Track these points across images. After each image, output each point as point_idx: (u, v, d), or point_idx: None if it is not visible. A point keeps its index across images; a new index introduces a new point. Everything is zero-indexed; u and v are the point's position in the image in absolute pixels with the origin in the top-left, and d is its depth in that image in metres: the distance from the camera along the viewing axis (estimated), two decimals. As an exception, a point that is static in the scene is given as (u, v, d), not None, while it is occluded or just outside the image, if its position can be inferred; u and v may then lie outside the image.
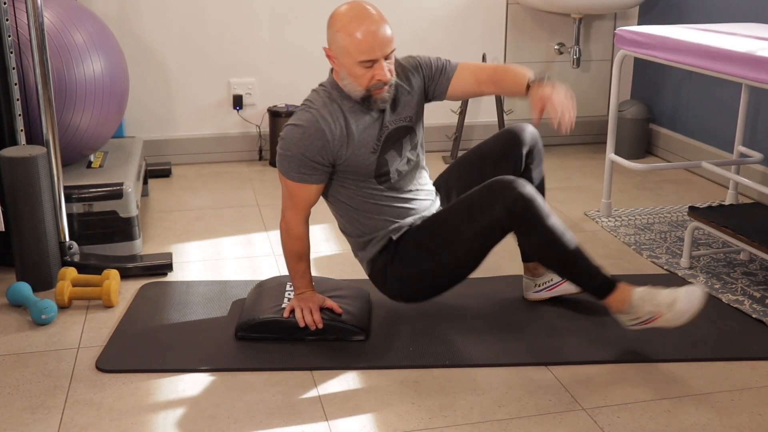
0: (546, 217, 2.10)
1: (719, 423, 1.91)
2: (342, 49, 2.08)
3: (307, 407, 1.97)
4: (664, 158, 4.09)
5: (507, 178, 2.13)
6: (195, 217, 3.26)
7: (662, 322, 2.11)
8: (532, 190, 2.11)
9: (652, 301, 2.11)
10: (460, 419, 1.92)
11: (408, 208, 2.25)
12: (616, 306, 2.15)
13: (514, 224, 2.11)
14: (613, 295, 2.14)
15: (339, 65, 2.12)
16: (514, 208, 2.08)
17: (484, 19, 4.10)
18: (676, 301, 2.08)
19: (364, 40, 2.04)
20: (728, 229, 2.57)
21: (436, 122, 4.16)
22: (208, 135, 3.97)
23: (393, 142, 2.21)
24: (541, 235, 2.11)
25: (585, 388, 2.05)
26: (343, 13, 2.08)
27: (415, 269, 2.22)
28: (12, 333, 2.33)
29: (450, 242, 2.17)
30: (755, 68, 2.36)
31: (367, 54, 2.05)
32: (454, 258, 2.19)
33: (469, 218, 2.14)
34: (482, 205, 2.13)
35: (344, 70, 2.11)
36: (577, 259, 2.15)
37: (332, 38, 2.11)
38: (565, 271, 2.19)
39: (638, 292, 2.13)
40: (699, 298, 2.09)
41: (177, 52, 3.85)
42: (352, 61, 2.07)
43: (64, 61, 2.75)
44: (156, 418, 1.93)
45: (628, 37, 2.95)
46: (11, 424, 1.90)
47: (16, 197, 2.52)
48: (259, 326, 2.25)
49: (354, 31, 2.04)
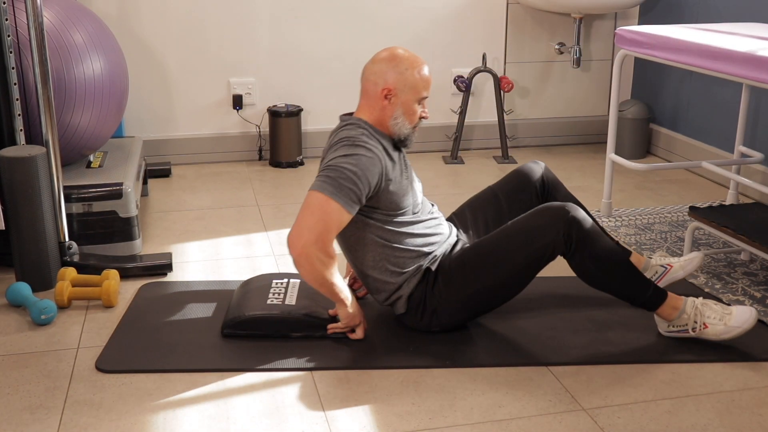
0: (597, 240, 2.14)
1: (719, 423, 1.91)
2: (410, 86, 2.21)
3: (307, 407, 1.97)
4: (664, 158, 4.09)
5: (558, 203, 2.18)
6: (195, 217, 3.26)
7: (708, 334, 2.17)
8: (583, 213, 2.16)
9: (703, 312, 2.17)
10: (460, 419, 1.92)
11: (435, 234, 2.28)
12: (667, 314, 2.20)
13: (567, 247, 2.13)
14: (665, 305, 2.19)
15: (397, 103, 2.21)
16: (569, 232, 2.12)
17: (484, 19, 4.09)
18: (728, 317, 2.16)
19: (428, 78, 2.25)
20: (729, 229, 2.57)
21: (436, 122, 4.17)
22: (208, 135, 3.97)
23: (411, 174, 2.32)
24: (595, 259, 2.14)
25: (585, 388, 2.05)
26: (405, 56, 2.23)
27: (460, 295, 2.22)
28: (12, 333, 2.33)
29: (500, 266, 2.19)
30: (756, 68, 2.36)
31: (427, 90, 2.25)
32: (501, 282, 2.21)
33: (522, 242, 2.17)
34: (535, 229, 2.16)
35: (402, 107, 2.22)
36: (628, 275, 2.17)
37: (399, 77, 2.20)
38: (617, 290, 2.20)
39: (690, 302, 2.19)
40: (751, 318, 2.16)
41: (177, 52, 3.85)
42: (415, 97, 2.22)
43: (63, 60, 2.74)
44: (156, 418, 1.93)
45: (629, 36, 2.95)
46: (11, 424, 1.90)
47: (15, 197, 2.52)
48: (245, 323, 2.26)
49: (421, 70, 2.23)
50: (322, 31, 3.96)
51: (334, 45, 3.98)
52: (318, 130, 4.04)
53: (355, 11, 3.96)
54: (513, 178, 2.50)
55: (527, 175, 2.48)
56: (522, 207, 2.40)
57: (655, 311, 2.21)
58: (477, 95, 4.18)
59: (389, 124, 2.23)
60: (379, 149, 2.17)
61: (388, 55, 2.23)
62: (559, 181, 2.50)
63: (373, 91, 2.22)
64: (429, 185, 3.64)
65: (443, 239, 2.29)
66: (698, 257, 2.47)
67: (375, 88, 2.21)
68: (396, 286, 2.23)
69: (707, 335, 2.18)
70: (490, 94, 4.17)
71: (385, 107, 2.21)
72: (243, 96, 3.94)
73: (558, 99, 4.31)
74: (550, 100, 4.30)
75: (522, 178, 2.48)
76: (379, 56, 2.24)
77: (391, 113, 2.22)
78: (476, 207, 2.49)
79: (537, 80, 4.25)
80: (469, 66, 4.10)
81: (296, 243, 2.07)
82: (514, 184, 2.48)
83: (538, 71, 4.24)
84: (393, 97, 2.20)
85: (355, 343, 2.23)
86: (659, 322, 2.24)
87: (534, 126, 4.30)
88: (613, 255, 2.16)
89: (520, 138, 4.27)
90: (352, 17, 3.97)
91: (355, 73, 4.02)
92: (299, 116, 3.91)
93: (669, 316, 2.20)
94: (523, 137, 4.28)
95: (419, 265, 2.23)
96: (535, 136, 4.31)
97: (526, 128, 4.29)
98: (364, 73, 2.25)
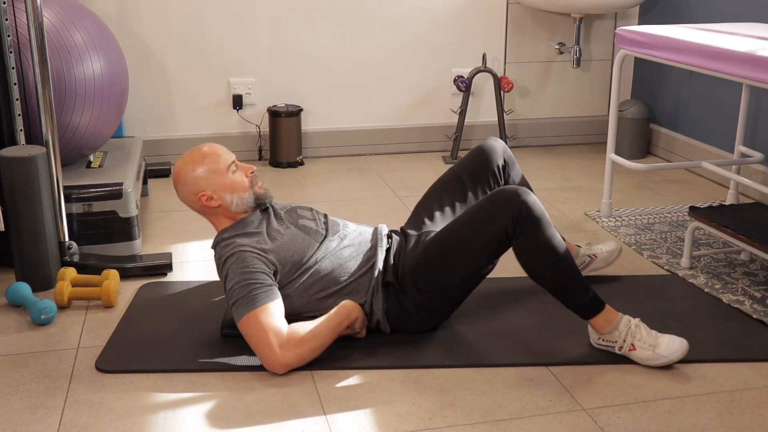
0: (545, 228, 2.12)
1: (719, 423, 1.91)
2: (207, 176, 2.27)
3: (307, 407, 1.97)
4: (664, 158, 4.09)
5: (510, 188, 2.17)
6: (195, 217, 3.24)
7: (635, 356, 2.14)
8: (534, 198, 2.14)
9: (635, 334, 2.14)
10: (460, 419, 1.92)
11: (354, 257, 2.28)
12: (599, 326, 2.16)
13: (514, 229, 2.11)
14: (600, 316, 2.15)
15: (217, 193, 2.28)
16: (518, 214, 2.10)
17: (484, 19, 4.09)
18: (657, 345, 2.12)
19: (211, 152, 2.31)
20: (729, 229, 2.57)
21: (436, 122, 4.17)
22: (208, 135, 3.97)
23: (295, 218, 2.36)
24: (540, 244, 2.11)
25: (585, 388, 2.05)
26: (181, 166, 2.29)
27: (432, 292, 2.22)
28: (11, 333, 2.33)
29: (461, 258, 2.19)
30: (756, 68, 2.36)
31: (220, 160, 2.30)
32: (467, 273, 2.21)
33: (477, 229, 2.16)
34: (488, 215, 2.15)
35: (223, 191, 2.28)
36: (569, 274, 2.14)
37: (194, 181, 2.28)
38: (554, 286, 2.16)
39: (625, 320, 2.15)
40: (681, 349, 2.11)
41: (177, 52, 3.85)
42: (220, 178, 2.28)
43: (63, 61, 2.74)
44: (156, 418, 1.93)
45: (629, 36, 2.95)
46: (11, 424, 1.90)
47: (15, 197, 2.52)
48: None
49: (203, 159, 2.29)
50: (322, 31, 3.96)
51: (334, 45, 3.98)
52: (318, 130, 4.04)
53: (355, 11, 3.96)
54: (475, 157, 2.52)
55: (489, 153, 2.50)
56: (485, 185, 2.47)
57: (589, 320, 2.17)
58: (477, 95, 4.18)
59: (233, 210, 2.27)
60: (245, 241, 2.19)
61: (175, 179, 2.29)
62: (514, 159, 2.55)
63: (199, 207, 2.29)
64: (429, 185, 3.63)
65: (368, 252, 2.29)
66: (617, 249, 2.62)
67: (196, 204, 2.29)
68: (367, 309, 2.24)
69: (633, 357, 2.14)
70: (490, 94, 4.17)
71: (217, 206, 2.27)
72: (243, 96, 3.94)
73: (558, 99, 4.31)
74: (550, 100, 4.30)
75: (484, 157, 2.50)
76: (175, 185, 2.29)
77: (225, 203, 2.26)
78: (441, 191, 2.50)
79: (537, 80, 4.25)
80: (469, 66, 4.10)
81: (274, 365, 2.08)
82: (476, 164, 2.50)
83: (538, 71, 4.24)
84: (209, 195, 2.25)
85: (355, 343, 2.23)
86: (591, 332, 2.21)
87: (534, 126, 4.30)
88: (557, 248, 2.12)
89: (520, 138, 4.26)
90: (352, 17, 3.97)
91: (355, 73, 4.07)
92: (299, 116, 3.91)
93: (601, 329, 2.16)
94: (523, 137, 4.28)
95: (370, 285, 2.24)
96: (535, 136, 4.31)
97: (526, 128, 4.29)
98: (185, 202, 2.31)
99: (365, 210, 3.33)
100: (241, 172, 2.30)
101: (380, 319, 2.25)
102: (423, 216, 2.46)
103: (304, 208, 2.40)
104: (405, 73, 4.10)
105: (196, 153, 2.28)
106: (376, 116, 4.13)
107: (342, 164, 3.99)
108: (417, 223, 2.44)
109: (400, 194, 3.53)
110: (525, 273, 2.18)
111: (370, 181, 3.73)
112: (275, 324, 2.07)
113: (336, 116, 4.08)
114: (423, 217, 2.45)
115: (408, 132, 4.17)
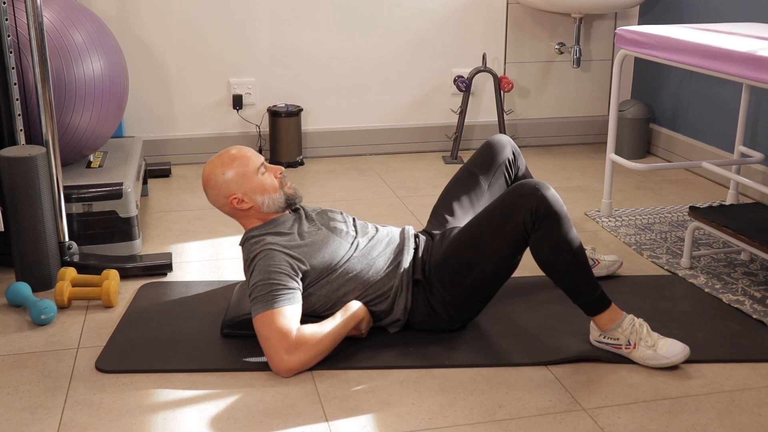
0: (563, 223, 2.12)
1: (719, 423, 1.91)
2: (237, 180, 2.29)
3: (307, 407, 1.97)
4: (664, 158, 4.09)
5: (530, 183, 2.17)
6: (194, 217, 3.26)
7: (636, 355, 2.14)
8: (554, 193, 2.15)
9: (636, 333, 2.14)
10: (460, 419, 1.92)
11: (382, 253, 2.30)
12: (603, 323, 2.17)
13: (533, 224, 2.12)
14: (605, 313, 2.16)
15: (248, 195, 2.30)
16: (538, 210, 2.11)
17: (484, 19, 4.09)
18: (658, 346, 2.12)
19: (241, 155, 2.33)
20: (729, 229, 2.57)
21: (436, 122, 4.17)
22: (208, 135, 3.97)
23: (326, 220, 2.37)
24: (557, 240, 2.12)
25: (585, 388, 2.05)
26: (211, 168, 2.31)
27: (459, 288, 2.23)
28: (11, 333, 2.33)
29: (483, 251, 2.19)
30: (756, 68, 2.36)
31: (249, 163, 2.32)
32: (492, 270, 2.21)
33: (497, 225, 2.17)
34: (507, 210, 2.16)
35: (254, 193, 2.29)
36: (585, 271, 2.15)
37: (225, 184, 2.30)
38: (565, 281, 2.16)
39: (629, 318, 2.16)
40: (682, 353, 2.12)
41: (177, 52, 3.85)
42: (251, 181, 2.29)
43: (63, 60, 2.74)
44: (156, 418, 1.93)
45: (629, 36, 2.95)
46: (11, 424, 1.90)
47: (15, 197, 2.52)
48: (245, 323, 2.25)
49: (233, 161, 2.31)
50: (322, 31, 3.96)
51: (334, 45, 3.98)
52: (318, 130, 4.04)
53: (355, 11, 3.97)
54: (485, 152, 2.57)
55: (498, 147, 2.56)
56: (498, 177, 2.53)
57: (594, 317, 2.18)
58: (477, 95, 4.18)
59: (265, 212, 2.29)
60: (276, 239, 2.20)
61: (205, 182, 2.30)
62: (519, 152, 2.60)
63: (230, 210, 2.30)
64: (429, 185, 3.65)
65: (396, 253, 2.30)
66: (619, 262, 2.67)
67: (227, 207, 2.30)
68: (386, 308, 2.25)
69: (634, 356, 2.14)
70: (490, 94, 4.17)
71: (248, 208, 2.28)
72: (243, 96, 3.94)
73: (558, 99, 4.31)
74: (550, 100, 4.30)
75: (494, 150, 2.56)
76: (205, 189, 2.31)
77: (256, 205, 2.28)
78: (457, 188, 2.53)
79: (537, 80, 4.25)
80: (469, 66, 4.10)
81: (280, 369, 2.08)
82: (487, 158, 2.55)
83: (538, 71, 4.24)
84: (240, 198, 2.26)
85: (355, 343, 2.23)
86: (593, 329, 2.21)
87: (534, 126, 4.30)
88: (574, 244, 2.13)
89: (520, 138, 4.26)
90: (352, 17, 3.97)
91: (355, 73, 4.07)
92: (299, 116, 3.91)
93: (604, 326, 2.16)
94: (523, 137, 4.28)
95: (394, 284, 2.25)
96: (535, 136, 4.31)
97: (526, 128, 4.29)
98: (215, 205, 2.33)
99: (365, 210, 3.33)
100: (270, 173, 2.31)
101: (400, 317, 2.25)
102: (444, 214, 2.48)
103: (334, 211, 2.41)
104: (405, 73, 4.10)
105: (225, 156, 2.29)
106: (375, 116, 4.13)
107: (342, 164, 3.99)
108: (440, 222, 2.46)
109: (400, 194, 3.53)
110: (538, 267, 2.18)
111: (370, 181, 3.73)
112: (288, 328, 2.07)
113: (336, 116, 4.08)
114: (444, 215, 2.47)
115: (408, 132, 4.17)
